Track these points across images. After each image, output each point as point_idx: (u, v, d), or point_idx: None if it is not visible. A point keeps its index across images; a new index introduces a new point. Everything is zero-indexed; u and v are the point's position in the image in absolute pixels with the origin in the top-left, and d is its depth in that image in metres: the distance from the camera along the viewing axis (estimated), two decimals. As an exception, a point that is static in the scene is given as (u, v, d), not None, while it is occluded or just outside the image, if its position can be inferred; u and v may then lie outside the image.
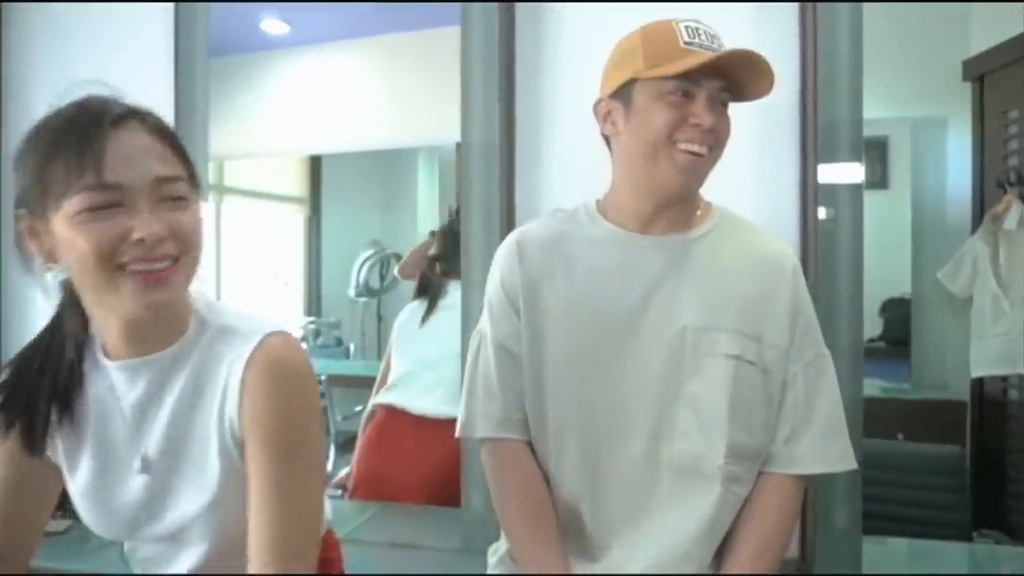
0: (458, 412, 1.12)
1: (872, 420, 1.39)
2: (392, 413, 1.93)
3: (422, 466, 1.77)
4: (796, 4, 1.40)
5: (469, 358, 1.12)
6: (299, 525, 0.79)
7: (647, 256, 1.02)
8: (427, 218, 3.93)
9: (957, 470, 1.91)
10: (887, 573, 1.43)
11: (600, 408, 1.00)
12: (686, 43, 0.96)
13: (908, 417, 2.28)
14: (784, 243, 1.09)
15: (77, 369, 0.84)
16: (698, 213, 1.06)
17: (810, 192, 1.39)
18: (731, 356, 0.98)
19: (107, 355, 0.84)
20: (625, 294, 1.01)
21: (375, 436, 1.94)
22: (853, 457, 1.03)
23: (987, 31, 2.01)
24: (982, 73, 2.08)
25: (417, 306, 2.13)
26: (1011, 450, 1.91)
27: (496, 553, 1.14)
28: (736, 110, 1.46)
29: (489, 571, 1.14)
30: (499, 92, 1.50)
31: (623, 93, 1.00)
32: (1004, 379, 1.95)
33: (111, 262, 0.73)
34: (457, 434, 1.11)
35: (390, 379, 2.02)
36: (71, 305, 0.83)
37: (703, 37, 0.97)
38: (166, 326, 0.82)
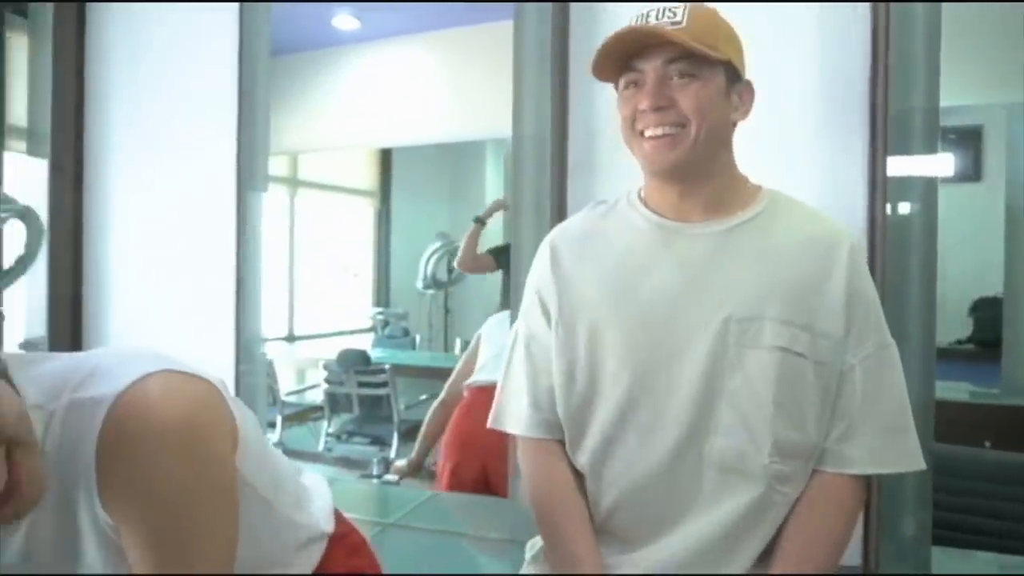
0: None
1: (958, 426, 1.31)
2: (482, 390, 2.00)
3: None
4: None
5: (506, 353, 1.11)
6: None
7: (687, 244, 0.98)
8: (495, 210, 3.88)
9: (1047, 481, 1.77)
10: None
11: (638, 403, 0.97)
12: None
13: (997, 424, 2.14)
14: (843, 224, 1.01)
15: None
16: (743, 197, 1.01)
17: (879, 186, 1.31)
18: (777, 348, 0.92)
19: None
20: (663, 284, 0.97)
21: (466, 409, 2.04)
22: (921, 458, 0.95)
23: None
24: (1084, 53, 1.92)
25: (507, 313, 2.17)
26: (1114, 463, 1.76)
27: (532, 549, 1.13)
28: (799, 98, 1.41)
29: (524, 567, 1.12)
30: (552, 86, 1.49)
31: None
32: (1107, 385, 1.80)
33: None
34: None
35: (479, 364, 2.09)
36: None
37: (652, 18, 0.94)
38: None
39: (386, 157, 4.32)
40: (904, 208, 1.31)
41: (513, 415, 1.07)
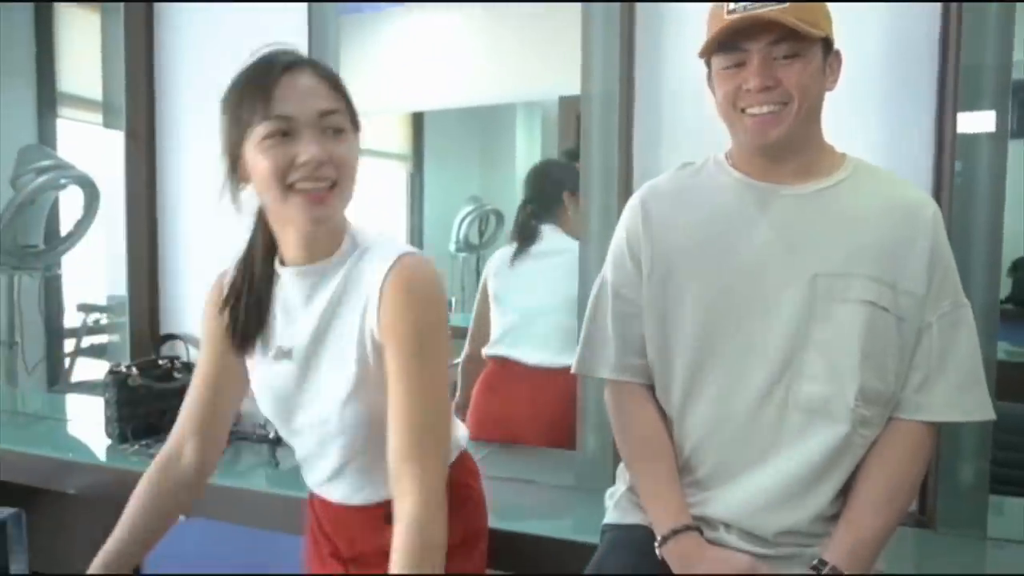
0: (574, 356, 1.19)
1: (998, 383, 1.34)
2: (505, 364, 1.95)
3: (540, 411, 1.83)
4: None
5: (590, 302, 1.17)
6: (434, 413, 0.94)
7: (778, 205, 1.03)
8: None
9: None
10: (1017, 539, 1.37)
11: (728, 350, 1.03)
12: (728, 12, 0.97)
13: None
14: (923, 191, 1.07)
15: (266, 276, 1.04)
16: (829, 163, 1.05)
17: (947, 142, 1.32)
18: (865, 302, 0.98)
19: (282, 263, 1.03)
20: (755, 241, 1.03)
21: (489, 384, 1.98)
22: (991, 409, 1.02)
23: None
24: None
25: (509, 252, 2.08)
26: None
27: (613, 497, 1.19)
28: (864, 52, 1.40)
29: (608, 514, 1.19)
30: (620, 45, 1.51)
31: (709, 68, 1.05)
32: None
33: (282, 182, 0.91)
34: (573, 370, 1.18)
35: (496, 331, 2.01)
36: (261, 224, 1.03)
37: None
38: (327, 240, 0.99)
39: (418, 121, 4.32)
40: (971, 165, 1.31)
41: (602, 361, 1.13)
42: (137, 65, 1.98)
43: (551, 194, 2.00)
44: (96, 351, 2.51)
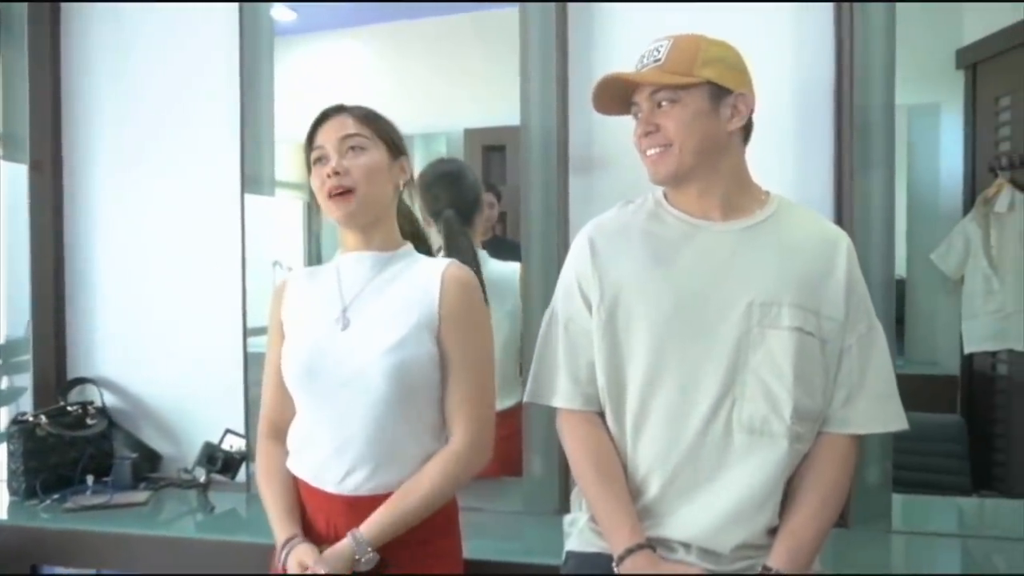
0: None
1: None
2: None
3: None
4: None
5: (540, 334, 1.22)
6: (488, 375, 1.19)
7: (713, 239, 1.12)
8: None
9: (959, 438, 2.03)
10: (917, 530, 1.55)
11: (672, 375, 1.09)
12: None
13: (902, 391, 2.40)
14: (837, 227, 1.20)
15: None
16: (756, 200, 1.16)
17: (845, 173, 1.48)
18: (794, 328, 1.07)
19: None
20: (694, 273, 1.11)
21: None
22: (904, 419, 1.14)
23: (979, 21, 2.09)
24: (975, 61, 2.13)
25: None
26: (999, 420, 2.03)
27: (575, 525, 1.22)
28: (773, 96, 1.54)
29: (567, 542, 1.23)
30: (556, 79, 1.59)
31: None
32: (993, 354, 2.04)
33: (322, 192, 1.16)
34: (524, 399, 1.22)
35: None
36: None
37: (643, 59, 1.13)
38: (381, 240, 1.21)
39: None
40: (866, 194, 1.48)
41: (552, 390, 1.17)
42: (42, 95, 1.86)
43: (470, 197, 1.73)
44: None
